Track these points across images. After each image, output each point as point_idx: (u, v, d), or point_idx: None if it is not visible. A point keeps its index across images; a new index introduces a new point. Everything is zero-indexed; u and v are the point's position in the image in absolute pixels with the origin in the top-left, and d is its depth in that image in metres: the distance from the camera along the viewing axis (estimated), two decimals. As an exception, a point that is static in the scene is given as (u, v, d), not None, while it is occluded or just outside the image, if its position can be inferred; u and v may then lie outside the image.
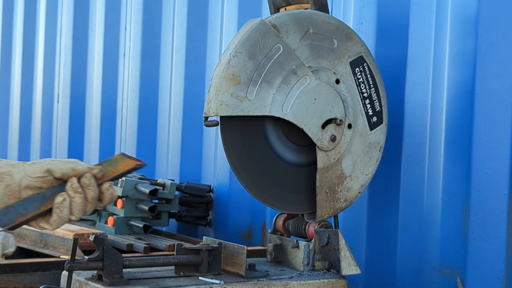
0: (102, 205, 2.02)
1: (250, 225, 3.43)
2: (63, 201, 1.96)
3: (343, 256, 2.40)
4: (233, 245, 2.34)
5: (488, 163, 2.45)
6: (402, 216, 2.72)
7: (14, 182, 2.00)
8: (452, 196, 2.56)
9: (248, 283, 2.25)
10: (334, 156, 2.43)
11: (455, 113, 2.57)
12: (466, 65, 2.53)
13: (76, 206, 1.97)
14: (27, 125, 5.37)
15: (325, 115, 2.39)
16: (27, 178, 2.00)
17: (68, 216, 1.98)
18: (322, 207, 2.43)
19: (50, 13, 5.12)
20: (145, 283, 2.19)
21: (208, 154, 3.69)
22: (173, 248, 2.99)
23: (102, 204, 2.02)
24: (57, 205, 1.96)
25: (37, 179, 2.00)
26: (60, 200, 1.96)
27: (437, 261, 2.61)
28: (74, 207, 1.97)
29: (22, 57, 5.45)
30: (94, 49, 4.64)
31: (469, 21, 2.52)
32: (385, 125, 2.52)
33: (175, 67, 3.93)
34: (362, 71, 2.46)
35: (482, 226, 2.47)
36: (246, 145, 2.34)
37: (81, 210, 1.98)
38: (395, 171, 2.74)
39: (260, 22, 2.28)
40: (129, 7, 4.30)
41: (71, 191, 1.97)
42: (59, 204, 1.96)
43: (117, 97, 4.39)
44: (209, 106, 2.23)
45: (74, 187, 1.97)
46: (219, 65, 2.27)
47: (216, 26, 3.68)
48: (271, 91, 2.30)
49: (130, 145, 4.23)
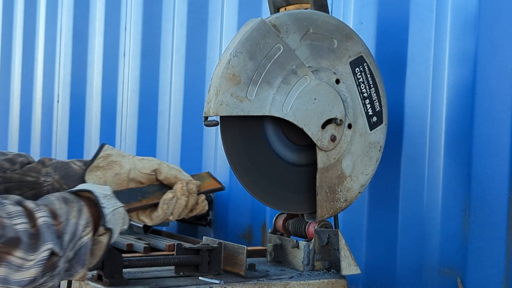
0: (191, 214, 2.16)
1: (250, 225, 3.43)
2: (172, 199, 2.09)
3: (343, 256, 2.40)
4: (233, 245, 2.34)
5: (488, 163, 2.45)
6: (402, 216, 2.72)
7: (124, 172, 2.14)
8: (452, 196, 2.56)
9: (248, 283, 2.25)
10: (334, 156, 2.43)
11: (455, 113, 2.57)
12: (466, 65, 2.53)
13: (178, 207, 2.10)
14: (27, 125, 5.37)
15: (325, 115, 2.39)
16: (136, 171, 2.14)
17: (169, 215, 2.11)
18: (322, 207, 2.43)
19: (50, 13, 5.13)
20: (145, 283, 2.19)
21: (208, 154, 3.69)
22: (173, 248, 2.99)
23: (191, 213, 2.16)
24: (166, 201, 2.09)
25: (144, 175, 2.14)
26: (170, 197, 2.09)
27: (437, 261, 2.61)
28: (177, 207, 2.10)
29: (22, 57, 5.45)
30: (94, 49, 4.64)
31: (469, 21, 2.52)
32: (385, 125, 2.52)
33: (175, 67, 3.93)
34: (362, 71, 2.46)
35: (482, 226, 2.47)
36: (246, 145, 2.34)
37: (179, 213, 2.12)
38: (395, 171, 2.74)
39: (260, 22, 2.28)
40: (129, 7, 4.30)
41: (179, 192, 2.11)
42: (168, 200, 2.09)
43: (117, 97, 4.39)
44: (209, 106, 2.23)
45: (184, 189, 2.11)
46: (219, 65, 2.27)
47: (216, 26, 3.68)
48: (271, 91, 2.30)
49: (130, 145, 4.23)
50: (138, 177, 2.14)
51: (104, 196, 1.95)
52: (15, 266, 1.67)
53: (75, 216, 1.83)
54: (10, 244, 1.67)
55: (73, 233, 1.81)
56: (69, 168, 2.21)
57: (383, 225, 2.79)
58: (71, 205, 1.85)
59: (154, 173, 2.14)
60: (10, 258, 1.67)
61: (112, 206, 1.96)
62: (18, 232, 1.68)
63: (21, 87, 5.46)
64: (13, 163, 2.25)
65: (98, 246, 1.92)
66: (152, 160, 2.16)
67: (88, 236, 1.85)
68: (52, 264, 1.74)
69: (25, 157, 2.29)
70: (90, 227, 1.86)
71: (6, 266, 1.66)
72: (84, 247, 1.84)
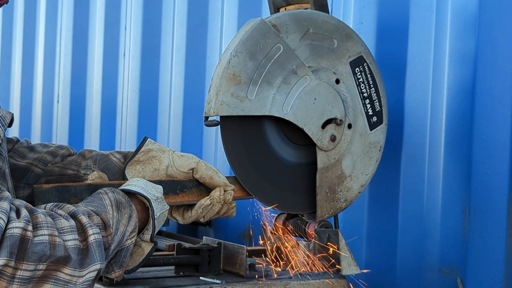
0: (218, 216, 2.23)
1: (250, 225, 3.43)
2: (208, 206, 2.18)
3: (343, 256, 2.40)
4: (233, 245, 2.34)
5: (488, 163, 2.45)
6: (402, 216, 2.72)
7: (162, 168, 2.20)
8: (452, 196, 2.56)
9: (248, 283, 2.25)
10: (334, 156, 2.42)
11: (455, 113, 2.57)
12: (466, 65, 2.53)
13: (211, 213, 2.19)
14: (27, 125, 5.37)
15: (325, 115, 2.39)
16: (174, 168, 2.20)
17: (201, 218, 2.20)
18: (322, 207, 2.42)
19: (50, 13, 5.12)
20: (145, 283, 2.19)
21: (208, 154, 3.69)
22: (173, 248, 2.99)
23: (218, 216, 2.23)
24: (203, 206, 2.17)
25: (181, 173, 2.20)
26: (207, 204, 2.18)
27: (437, 261, 2.61)
28: (209, 212, 2.19)
29: (22, 57, 5.45)
30: (94, 49, 4.64)
31: (469, 21, 2.52)
32: (385, 125, 2.52)
33: (175, 67, 3.93)
34: (362, 71, 2.46)
35: (482, 226, 2.47)
36: (246, 145, 2.34)
37: (210, 217, 2.21)
38: (395, 171, 2.74)
39: (260, 22, 2.28)
40: (129, 7, 4.30)
41: (216, 200, 2.18)
42: (204, 206, 2.17)
43: (117, 97, 4.39)
44: (209, 106, 2.23)
45: (221, 198, 2.19)
46: (219, 65, 2.27)
47: (216, 26, 3.68)
48: (271, 91, 2.30)
49: (130, 145, 4.23)
50: (176, 174, 2.20)
51: (156, 199, 2.00)
52: (62, 282, 1.71)
53: (124, 224, 1.88)
54: (59, 262, 1.70)
55: (119, 241, 1.87)
56: (109, 160, 2.26)
57: (383, 225, 2.79)
58: (123, 211, 1.89)
59: (191, 171, 2.20)
60: (58, 274, 1.70)
61: (160, 210, 2.02)
62: (68, 249, 1.71)
63: (21, 87, 5.46)
64: (55, 155, 2.27)
65: (139, 251, 1.98)
66: (192, 158, 2.22)
67: (131, 241, 1.90)
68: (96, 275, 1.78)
69: (66, 149, 2.32)
70: (135, 232, 1.91)
71: (53, 283, 1.70)
72: (125, 249, 1.89)
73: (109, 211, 1.85)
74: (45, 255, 1.66)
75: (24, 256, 1.64)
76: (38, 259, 1.66)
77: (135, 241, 1.94)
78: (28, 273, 1.65)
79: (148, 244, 1.98)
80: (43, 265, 1.67)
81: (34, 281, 1.67)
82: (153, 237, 1.99)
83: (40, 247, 1.66)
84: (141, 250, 1.98)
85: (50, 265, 1.68)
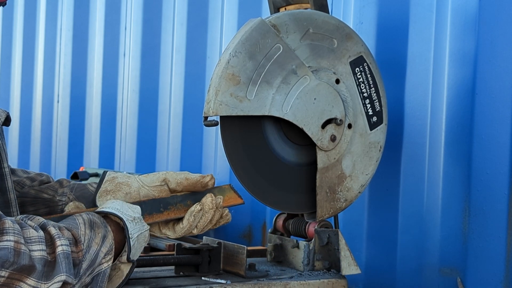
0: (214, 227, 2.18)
1: (250, 225, 3.43)
2: (199, 211, 2.10)
3: (343, 256, 2.40)
4: (233, 245, 2.34)
5: (488, 163, 2.45)
6: (402, 216, 2.72)
7: (134, 191, 2.12)
8: (452, 196, 2.56)
9: (248, 283, 2.25)
10: (334, 156, 2.42)
11: (455, 113, 2.57)
12: (466, 65, 2.53)
13: (204, 221, 2.12)
14: (27, 125, 5.37)
15: (325, 115, 2.39)
16: (145, 187, 2.13)
17: (193, 228, 2.12)
18: (322, 207, 2.42)
19: (50, 13, 5.13)
20: (145, 283, 2.19)
21: (208, 154, 3.69)
22: (173, 248, 2.99)
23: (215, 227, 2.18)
24: (194, 213, 2.10)
25: (155, 188, 2.13)
26: (198, 209, 2.10)
27: (437, 261, 2.61)
28: (202, 221, 2.12)
29: (22, 57, 5.45)
30: (94, 49, 4.64)
31: (469, 21, 2.52)
32: (385, 125, 2.52)
33: (175, 67, 3.93)
34: (362, 71, 2.46)
35: (482, 226, 2.47)
36: (245, 145, 2.34)
37: (203, 226, 2.13)
38: (395, 171, 2.74)
39: (260, 22, 2.28)
40: (129, 7, 4.30)
41: (207, 206, 2.11)
42: (195, 213, 2.10)
43: (117, 97, 4.39)
44: (209, 106, 2.23)
45: (212, 202, 2.11)
46: (219, 65, 2.26)
47: (216, 26, 3.68)
48: (271, 91, 2.30)
49: (130, 145, 4.23)
50: (150, 192, 2.14)
51: (132, 219, 1.94)
52: None
53: (97, 244, 1.82)
54: (23, 271, 1.66)
55: (92, 260, 1.81)
56: (85, 189, 2.22)
57: (383, 225, 2.79)
58: (97, 231, 1.84)
59: (164, 183, 2.15)
60: (21, 284, 1.66)
61: (138, 231, 1.95)
62: (34, 259, 1.67)
63: (21, 87, 5.46)
64: (33, 180, 2.26)
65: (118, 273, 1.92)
66: (157, 173, 2.17)
67: (107, 264, 1.84)
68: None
69: (46, 176, 2.31)
70: (111, 255, 1.86)
71: None
72: (102, 273, 1.83)
73: (81, 228, 1.81)
74: (8, 261, 1.63)
75: None
76: (0, 264, 1.62)
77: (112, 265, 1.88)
78: None
79: (126, 265, 1.91)
80: (5, 271, 1.63)
81: None
82: (130, 258, 1.91)
83: (4, 252, 1.62)
84: (120, 272, 1.91)
85: (13, 273, 1.64)
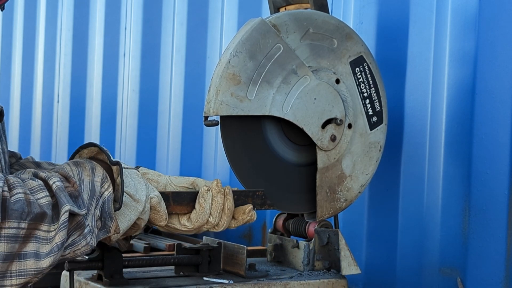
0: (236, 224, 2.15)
1: (250, 225, 3.43)
2: (207, 192, 2.09)
3: (343, 256, 2.40)
4: (233, 245, 2.34)
5: (488, 163, 2.45)
6: (402, 216, 2.72)
7: (161, 186, 2.14)
8: (452, 196, 2.56)
9: (248, 283, 2.25)
10: (334, 156, 2.43)
11: (455, 113, 2.57)
12: (466, 65, 2.53)
13: (216, 206, 2.10)
14: (27, 125, 5.37)
15: (325, 115, 2.39)
16: (173, 185, 2.15)
17: (208, 215, 2.10)
18: (322, 207, 2.42)
19: (50, 13, 5.12)
20: (145, 283, 2.19)
21: (208, 154, 3.69)
22: (173, 248, 2.99)
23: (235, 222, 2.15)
24: (202, 194, 2.09)
25: (182, 188, 2.15)
26: (205, 190, 2.09)
27: (437, 261, 2.61)
28: (214, 206, 2.10)
29: (22, 57, 5.45)
30: (94, 49, 4.64)
31: (469, 21, 2.52)
32: (385, 125, 2.52)
33: (175, 67, 3.93)
34: (362, 71, 2.46)
35: (482, 226, 2.47)
36: (246, 144, 2.34)
37: (218, 215, 2.11)
38: (395, 171, 2.74)
39: (260, 22, 2.28)
40: (129, 7, 4.30)
41: (214, 190, 2.10)
42: (203, 193, 2.09)
43: (117, 97, 4.39)
44: (209, 106, 2.23)
45: (218, 185, 2.10)
46: (219, 64, 2.27)
47: (216, 26, 3.68)
48: (271, 91, 2.30)
49: (130, 145, 4.23)
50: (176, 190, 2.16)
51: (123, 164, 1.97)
52: (42, 239, 1.71)
53: (88, 175, 1.86)
54: (37, 219, 1.70)
55: (91, 190, 1.84)
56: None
57: (383, 225, 2.79)
58: (83, 166, 1.87)
59: (192, 187, 2.16)
60: (38, 233, 1.71)
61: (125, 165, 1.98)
62: (43, 206, 1.71)
63: (21, 87, 5.46)
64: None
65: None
66: (188, 177, 2.18)
67: (108, 191, 1.87)
68: (78, 224, 1.77)
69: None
70: (108, 182, 1.88)
71: (35, 241, 1.70)
72: (106, 201, 1.86)
73: (67, 168, 1.85)
74: (24, 212, 1.68)
75: (5, 214, 1.66)
76: (19, 216, 1.67)
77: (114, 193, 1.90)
78: (12, 230, 1.67)
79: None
80: (24, 223, 1.68)
81: (20, 241, 1.68)
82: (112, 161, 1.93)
83: (19, 205, 1.68)
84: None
85: (30, 223, 1.69)
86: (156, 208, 2.02)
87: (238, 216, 2.15)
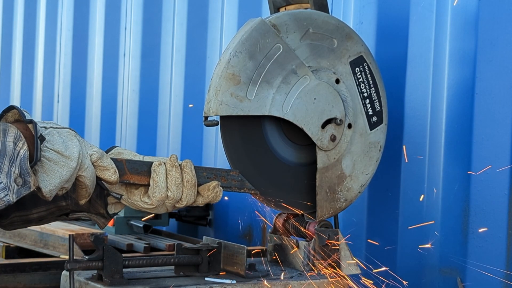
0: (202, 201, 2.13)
1: (250, 225, 3.43)
2: (159, 166, 2.05)
3: (343, 256, 2.40)
4: (233, 245, 2.34)
5: (488, 163, 2.45)
6: (402, 216, 2.72)
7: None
8: (452, 196, 2.56)
9: (248, 283, 2.25)
10: (334, 156, 2.42)
11: (455, 113, 2.57)
12: (466, 65, 2.53)
13: (172, 180, 2.06)
14: (27, 125, 5.36)
15: (325, 115, 2.39)
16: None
17: (165, 190, 2.07)
18: (322, 207, 2.42)
19: (50, 13, 5.13)
20: (145, 283, 2.19)
21: (208, 154, 3.69)
22: (173, 248, 2.99)
23: (202, 199, 2.13)
24: (154, 169, 2.06)
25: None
26: (157, 164, 2.06)
27: (437, 261, 2.61)
28: (170, 180, 2.07)
29: (22, 57, 5.45)
30: (94, 49, 4.64)
31: (469, 21, 2.52)
32: (385, 125, 2.52)
33: (175, 67, 3.93)
34: (362, 71, 2.46)
35: (482, 226, 2.47)
36: (246, 145, 2.34)
37: (177, 188, 2.07)
38: (395, 171, 2.74)
39: (260, 22, 2.28)
40: (129, 7, 4.30)
41: (169, 164, 2.07)
42: (155, 167, 2.06)
43: (117, 97, 4.39)
44: (209, 106, 2.23)
45: (172, 159, 2.07)
46: (219, 64, 2.27)
47: (216, 26, 3.68)
48: (271, 90, 2.30)
49: (130, 145, 4.23)
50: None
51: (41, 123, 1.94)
52: None
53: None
54: None
55: (1, 150, 1.83)
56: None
57: (383, 225, 2.79)
58: None
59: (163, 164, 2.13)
60: None
61: (56, 124, 1.96)
62: None
63: (21, 87, 5.46)
64: None
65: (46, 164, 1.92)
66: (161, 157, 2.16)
67: (24, 149, 1.85)
68: None
69: None
70: (22, 141, 1.86)
71: None
72: (23, 158, 1.84)
73: None
74: None
75: None
76: None
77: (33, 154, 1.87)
78: None
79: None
80: None
81: None
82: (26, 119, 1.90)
83: None
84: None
85: None
86: (99, 163, 2.01)
87: (204, 192, 2.14)
